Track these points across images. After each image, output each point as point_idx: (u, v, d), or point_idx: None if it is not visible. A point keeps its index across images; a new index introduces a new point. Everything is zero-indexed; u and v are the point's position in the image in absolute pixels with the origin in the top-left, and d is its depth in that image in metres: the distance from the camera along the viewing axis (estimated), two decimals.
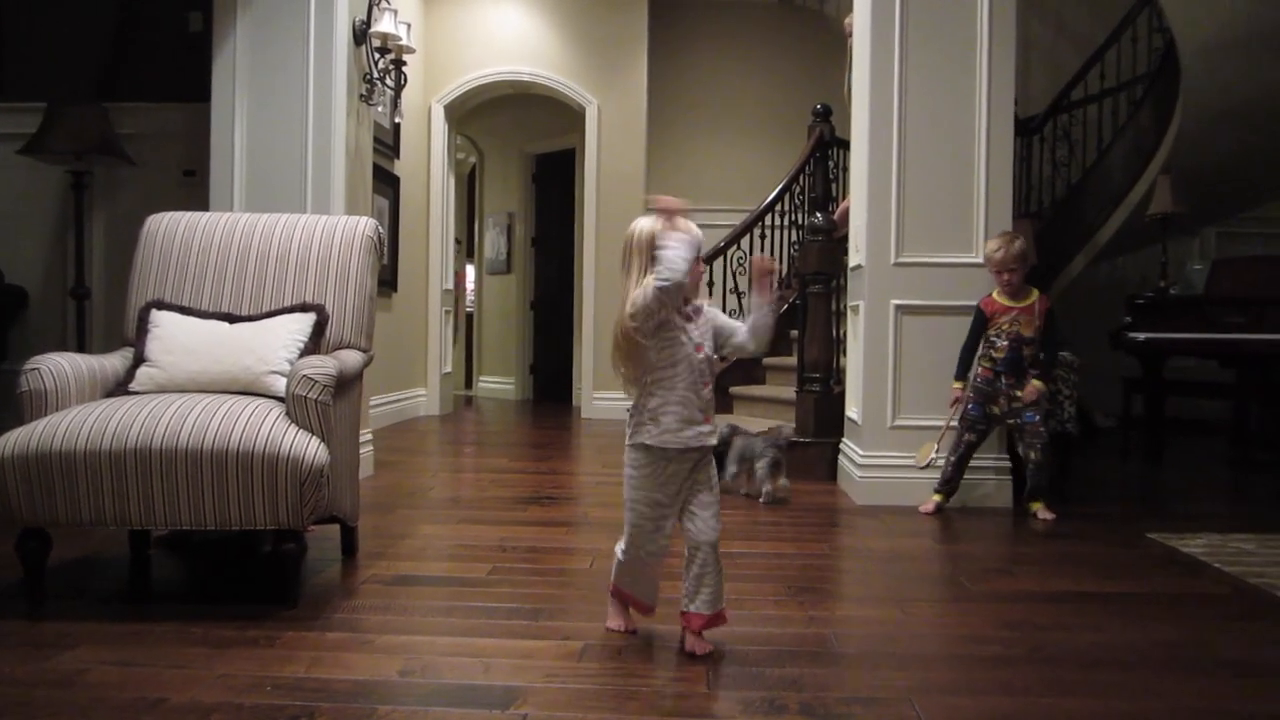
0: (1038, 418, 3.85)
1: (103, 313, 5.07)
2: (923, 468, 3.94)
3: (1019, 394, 3.84)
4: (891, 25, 4.02)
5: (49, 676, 1.97)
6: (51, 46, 5.34)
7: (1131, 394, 5.87)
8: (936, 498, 3.92)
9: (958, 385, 3.92)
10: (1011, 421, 3.91)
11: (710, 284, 6.37)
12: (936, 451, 3.93)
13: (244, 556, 3.07)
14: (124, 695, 1.87)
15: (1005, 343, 3.84)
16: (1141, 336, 5.31)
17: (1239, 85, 5.19)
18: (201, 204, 4.34)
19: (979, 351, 3.92)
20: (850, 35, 5.01)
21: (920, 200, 4.03)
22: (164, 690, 1.89)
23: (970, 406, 3.90)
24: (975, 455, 3.95)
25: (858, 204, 4.26)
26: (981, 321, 3.90)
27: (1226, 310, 5.19)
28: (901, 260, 4.04)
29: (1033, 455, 3.85)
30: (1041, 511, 3.82)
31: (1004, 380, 3.85)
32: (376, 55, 4.86)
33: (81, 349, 4.67)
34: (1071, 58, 6.75)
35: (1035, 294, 3.87)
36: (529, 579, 2.79)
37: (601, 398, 7.62)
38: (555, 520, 3.64)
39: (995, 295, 3.88)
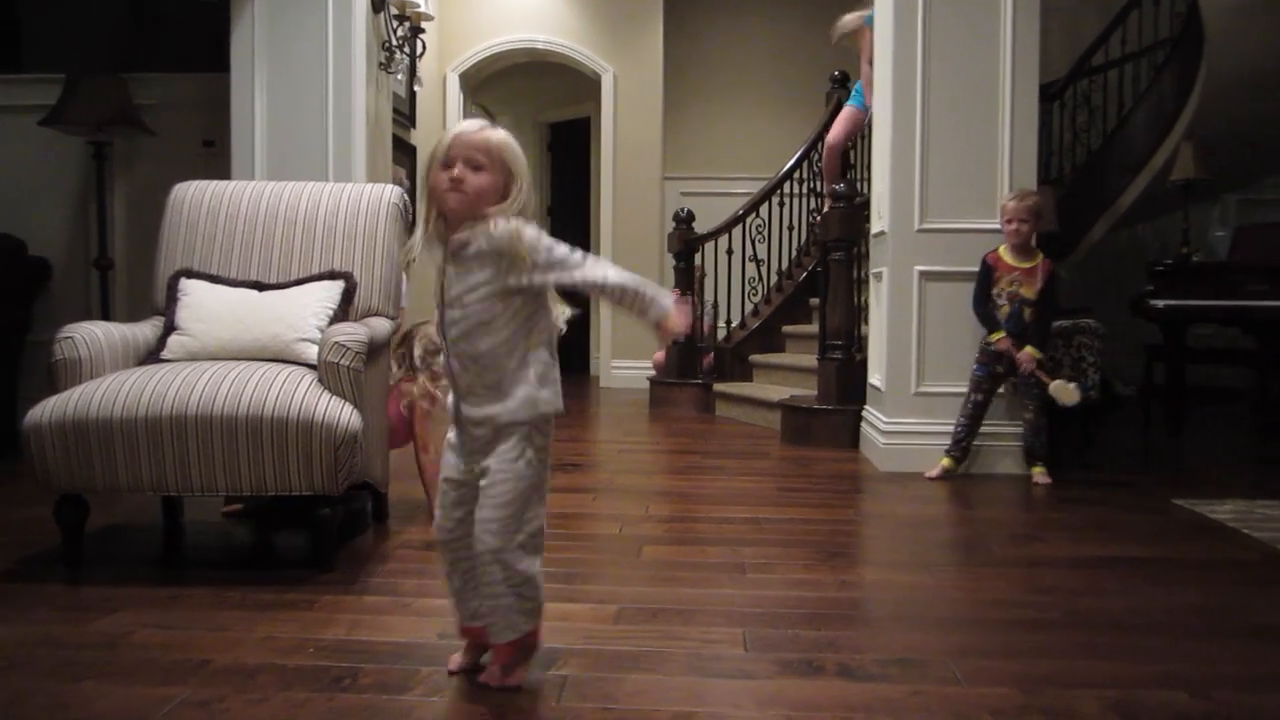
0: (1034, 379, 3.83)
1: (126, 283, 5.08)
2: (1079, 402, 3.79)
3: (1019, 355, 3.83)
4: None
5: (93, 639, 1.99)
6: (70, 17, 5.32)
7: (1152, 362, 5.84)
8: (945, 462, 3.89)
9: (997, 336, 3.82)
10: (1013, 380, 3.89)
11: (729, 252, 6.34)
12: (1073, 385, 3.78)
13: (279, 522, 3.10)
14: (169, 657, 1.89)
15: (1006, 304, 3.82)
16: (1162, 304, 5.28)
17: (1264, 49, 5.12)
18: (222, 174, 4.34)
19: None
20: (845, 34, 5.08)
21: (944, 166, 3.99)
22: (207, 652, 1.91)
23: (976, 368, 3.88)
24: (997, 423, 3.94)
25: (880, 170, 4.24)
26: (987, 273, 3.86)
27: (1249, 277, 5.15)
28: (925, 227, 4.01)
29: (1027, 415, 3.85)
30: (1040, 476, 3.81)
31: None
32: (395, 22, 4.85)
33: (106, 319, 4.68)
34: (1093, 21, 6.66)
35: (1040, 257, 3.83)
36: (560, 544, 2.80)
37: (621, 367, 7.50)
38: (582, 486, 3.66)
39: (1001, 251, 3.85)
